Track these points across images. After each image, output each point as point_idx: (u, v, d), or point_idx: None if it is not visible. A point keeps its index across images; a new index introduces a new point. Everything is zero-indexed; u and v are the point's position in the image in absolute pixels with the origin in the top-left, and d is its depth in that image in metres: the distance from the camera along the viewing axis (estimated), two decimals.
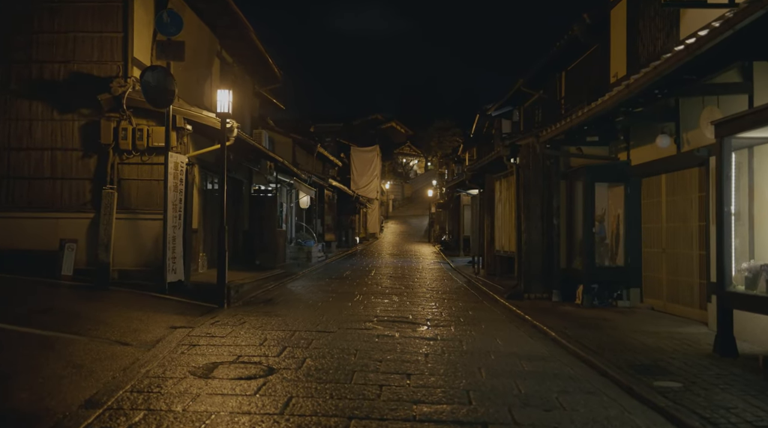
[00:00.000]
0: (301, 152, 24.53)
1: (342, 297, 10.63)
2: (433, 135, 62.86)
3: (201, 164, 11.46)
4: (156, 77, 9.35)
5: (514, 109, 19.71)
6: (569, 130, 9.31)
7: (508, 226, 12.07)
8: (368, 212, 40.54)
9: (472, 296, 11.54)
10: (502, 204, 12.55)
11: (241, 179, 14.40)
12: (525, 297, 10.71)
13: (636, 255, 9.70)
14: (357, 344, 6.28)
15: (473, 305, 10.06)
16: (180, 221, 9.62)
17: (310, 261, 18.95)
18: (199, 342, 6.19)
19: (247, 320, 7.69)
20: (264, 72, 18.32)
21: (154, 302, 8.65)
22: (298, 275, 15.14)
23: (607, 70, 10.95)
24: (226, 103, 9.64)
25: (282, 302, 9.83)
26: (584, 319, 8.38)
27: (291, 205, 20.27)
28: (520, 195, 11.09)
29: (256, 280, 12.25)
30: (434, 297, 11.08)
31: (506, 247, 12.14)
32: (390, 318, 8.17)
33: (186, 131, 10.39)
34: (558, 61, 13.91)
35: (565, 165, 10.74)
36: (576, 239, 10.55)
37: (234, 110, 15.81)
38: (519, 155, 11.07)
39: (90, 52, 10.54)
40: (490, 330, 7.52)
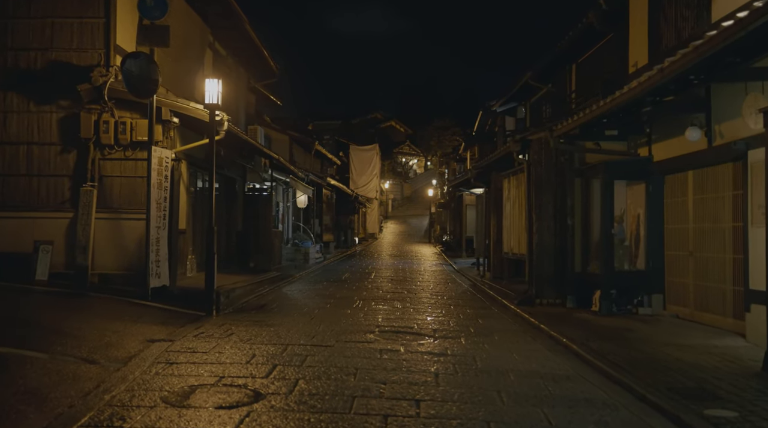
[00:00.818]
0: (298, 150, 23.78)
1: (340, 303, 9.89)
2: (432, 134, 62.36)
3: (189, 160, 10.72)
4: (138, 65, 8.61)
5: (519, 105, 19.00)
6: (587, 123, 8.57)
7: (517, 226, 11.34)
8: (367, 211, 39.79)
9: (479, 301, 10.81)
10: (510, 203, 11.82)
11: (235, 176, 13.66)
12: (536, 303, 9.99)
13: (658, 259, 8.97)
14: (357, 361, 5.55)
15: (482, 313, 9.33)
16: (164, 221, 8.88)
17: (308, 263, 18.21)
18: (177, 358, 5.45)
19: (235, 331, 6.94)
20: (260, 66, 17.59)
21: (135, 310, 7.90)
22: (295, 278, 14.41)
23: (625, 60, 10.22)
24: (215, 94, 8.91)
25: (275, 309, 9.09)
26: (605, 329, 7.66)
27: (288, 204, 19.52)
28: (531, 194, 10.36)
29: (249, 284, 11.51)
30: (439, 303, 10.34)
31: (515, 249, 11.41)
32: (393, 329, 7.43)
33: (172, 124, 9.64)
34: (568, 53, 13.17)
35: (580, 161, 10.01)
36: (592, 241, 9.82)
37: (227, 104, 15.07)
38: (530, 150, 10.34)
39: (69, 40, 9.79)
40: (504, 343, 6.79)
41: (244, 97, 17.33)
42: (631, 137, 9.63)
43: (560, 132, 9.37)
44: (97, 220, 9.47)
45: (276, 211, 18.09)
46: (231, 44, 15.36)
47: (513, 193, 11.65)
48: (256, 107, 21.80)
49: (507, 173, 12.13)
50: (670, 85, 6.63)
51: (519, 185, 11.30)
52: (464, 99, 68.87)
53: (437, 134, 62.16)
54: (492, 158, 12.42)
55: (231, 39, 15.09)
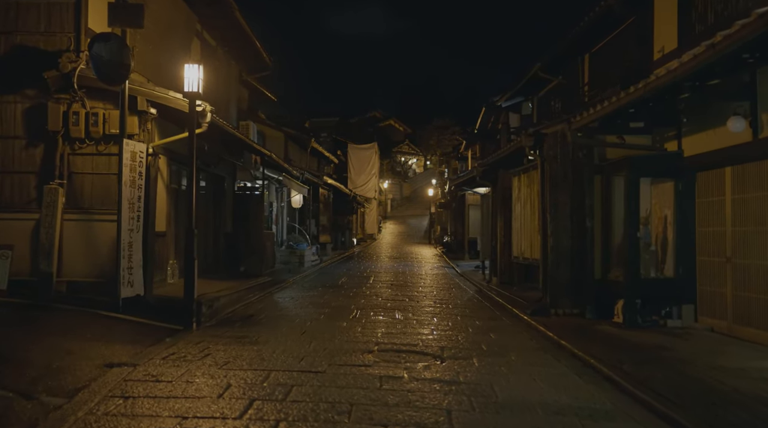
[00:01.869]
0: (294, 148, 22.84)
1: (336, 314, 8.96)
2: (432, 133, 61.69)
3: (170, 155, 9.78)
4: (108, 48, 7.68)
5: (526, 100, 18.06)
6: (611, 113, 7.64)
7: (528, 228, 10.42)
8: (366, 212, 38.86)
9: (487, 310, 9.87)
10: (521, 203, 10.90)
11: (223, 174, 12.72)
12: (552, 313, 9.06)
13: (689, 265, 8.06)
14: (353, 393, 4.61)
15: (492, 325, 8.40)
16: (139, 223, 7.94)
17: (303, 266, 17.28)
18: (136, 390, 4.52)
19: (212, 350, 6.01)
20: (252, 58, 16.62)
21: (101, 324, 6.97)
22: (288, 283, 13.47)
23: (648, 46, 9.30)
24: (195, 81, 7.98)
25: (263, 322, 8.16)
26: (635, 346, 6.74)
27: (282, 204, 18.58)
28: (545, 193, 9.44)
29: (237, 291, 10.57)
30: (444, 313, 9.41)
31: (526, 253, 10.49)
32: (395, 347, 6.49)
33: (150, 116, 8.71)
34: (581, 43, 12.25)
35: (599, 157, 9.09)
36: (613, 245, 8.90)
37: (217, 98, 14.11)
38: (544, 145, 9.41)
39: (36, 22, 8.85)
40: (524, 365, 5.86)
41: (235, 91, 16.38)
42: (657, 130, 8.71)
43: (579, 124, 8.45)
44: (67, 222, 8.55)
45: (269, 211, 17.16)
46: (221, 34, 14.42)
47: (524, 192, 10.73)
48: (249, 103, 20.85)
49: (517, 171, 11.21)
50: (716, 67, 5.71)
51: (531, 183, 10.38)
52: (464, 98, 68.18)
53: (437, 133, 61.47)
54: (500, 155, 11.50)
55: (220, 28, 14.14)
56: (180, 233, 10.75)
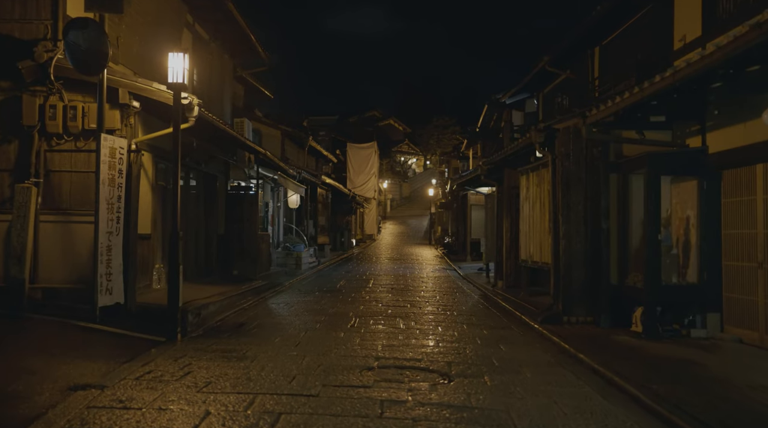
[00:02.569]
0: (291, 146, 22.21)
1: (333, 322, 8.35)
2: (432, 133, 61.23)
3: (157, 153, 9.16)
4: (85, 35, 7.08)
5: (531, 96, 17.48)
6: (631, 106, 7.02)
7: (538, 230, 9.81)
8: (365, 212, 38.26)
9: (495, 318, 9.26)
10: (529, 204, 10.29)
11: (215, 173, 12.10)
12: (564, 321, 8.47)
13: (714, 270, 7.45)
14: (350, 423, 4.00)
15: (502, 335, 7.78)
16: (118, 225, 7.32)
17: (300, 269, 16.66)
18: (98, 420, 3.90)
19: (194, 368, 5.40)
20: (247, 52, 16.01)
21: (75, 337, 6.36)
22: (284, 287, 12.86)
23: (667, 36, 8.70)
24: (180, 71, 7.36)
25: (254, 332, 7.54)
26: (661, 360, 6.14)
27: (278, 204, 17.96)
28: (556, 192, 8.83)
29: (229, 297, 9.96)
30: (449, 321, 8.80)
31: (535, 256, 9.88)
32: (397, 362, 5.88)
33: (132, 110, 8.09)
34: (592, 35, 11.66)
35: (615, 154, 8.47)
36: (630, 248, 8.29)
37: (210, 93, 13.52)
38: (556, 141, 8.80)
39: (10, 9, 8.21)
40: (541, 384, 5.24)
41: (229, 86, 15.75)
42: (678, 125, 8.11)
43: (595, 118, 7.83)
44: (43, 223, 7.94)
45: (265, 212, 16.55)
46: (214, 27, 13.80)
47: (533, 192, 10.12)
48: (245, 100, 20.27)
49: (525, 169, 10.60)
50: (754, 52, 5.10)
51: (540, 182, 9.77)
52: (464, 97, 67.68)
53: (437, 133, 60.97)
54: (507, 152, 10.88)
55: (214, 21, 13.54)
56: (168, 236, 10.13)
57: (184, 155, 10.11)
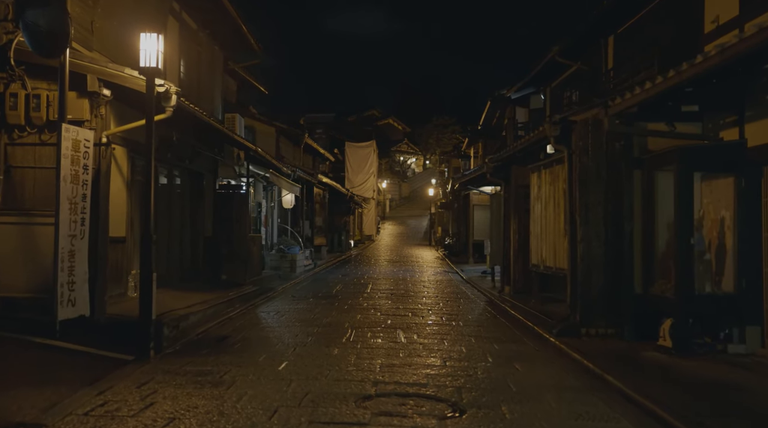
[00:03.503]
0: (286, 144, 21.38)
1: (327, 335, 7.52)
2: (432, 132, 60.68)
3: (133, 147, 8.32)
4: (45, 14, 6.25)
5: (537, 91, 16.66)
6: (662, 94, 6.20)
7: (552, 233, 8.99)
8: (364, 212, 37.44)
9: (505, 329, 8.42)
10: (541, 203, 9.47)
11: (202, 171, 11.26)
12: (583, 334, 7.65)
13: (753, 278, 6.63)
14: None
15: (515, 350, 6.96)
16: (83, 227, 6.48)
17: (294, 272, 15.82)
18: None
19: (158, 398, 4.56)
20: (239, 44, 15.16)
21: (27, 357, 5.54)
22: (276, 292, 12.03)
23: (698, 17, 7.88)
24: (154, 54, 6.52)
25: (237, 348, 6.71)
26: (700, 383, 5.35)
27: (272, 204, 17.13)
28: (573, 191, 8.01)
29: (214, 305, 9.13)
30: (455, 333, 7.98)
31: (549, 261, 9.06)
32: (398, 389, 5.04)
33: (103, 99, 7.25)
34: (606, 22, 10.86)
35: (640, 149, 7.65)
36: (657, 253, 7.47)
37: (199, 86, 12.67)
38: (573, 135, 7.99)
39: None
40: (569, 417, 4.42)
41: (220, 80, 14.91)
42: (708, 116, 7.30)
43: (619, 108, 7.00)
44: (3, 225, 7.11)
45: (257, 212, 15.73)
46: (202, 16, 12.96)
47: (546, 191, 9.30)
48: (238, 96, 19.45)
49: (536, 166, 9.78)
50: None
51: (554, 180, 8.95)
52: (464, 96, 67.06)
53: (436, 132, 60.35)
54: (516, 148, 10.06)
55: (202, 9, 12.69)
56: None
57: (166, 150, 9.30)
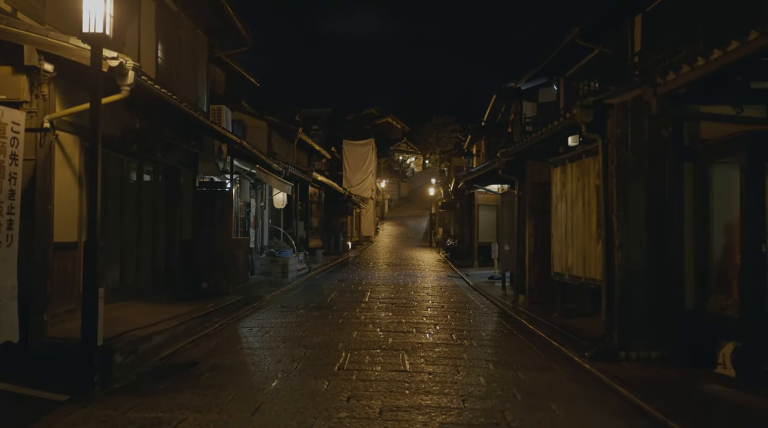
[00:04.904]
0: (279, 140, 20.11)
1: (316, 360, 6.26)
2: (431, 131, 59.88)
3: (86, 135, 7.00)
4: None
5: (549, 81, 15.42)
6: (729, 65, 4.95)
7: (580, 236, 7.74)
8: (362, 212, 36.20)
9: (527, 351, 7.15)
10: (566, 202, 8.22)
11: (177, 166, 9.97)
12: (622, 357, 6.41)
13: None
14: None
15: (545, 381, 5.70)
16: (10, 231, 5.20)
17: (286, 277, 14.56)
18: None
19: None
20: (226, 30, 13.86)
21: None
22: (264, 302, 10.77)
23: None
24: (100, 17, 5.26)
25: (204, 380, 5.45)
26: None
27: (262, 204, 15.85)
28: (609, 187, 6.76)
29: (187, 320, 7.86)
30: (469, 356, 6.74)
31: (576, 269, 7.80)
32: None
33: (45, 76, 5.98)
34: None
35: (690, 137, 6.40)
36: (712, 261, 6.22)
37: (178, 72, 11.44)
38: (609, 121, 6.74)
39: None
40: None
41: (204, 68, 13.63)
42: None
43: (672, 86, 5.74)
44: None
45: (246, 213, 14.46)
46: None
47: (572, 187, 8.05)
48: (227, 88, 18.19)
49: (560, 160, 8.54)
50: None
51: (583, 175, 7.69)
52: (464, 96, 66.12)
53: (436, 131, 59.44)
54: (535, 139, 8.78)
55: None
56: (105, 244, 8.02)
57: (131, 141, 8.03)
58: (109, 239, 8.07)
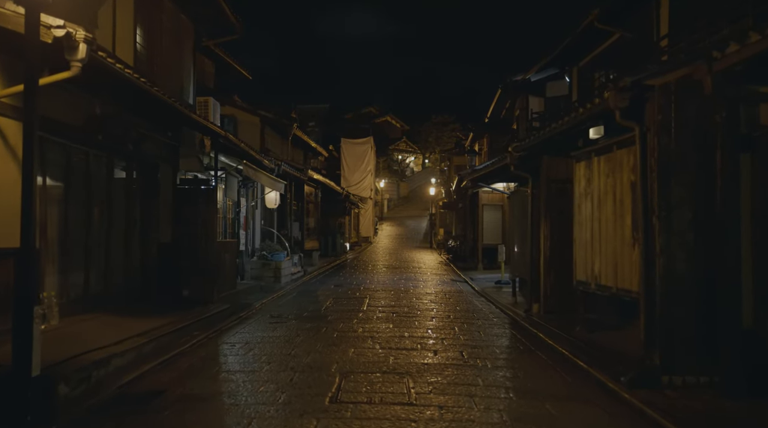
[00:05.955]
0: (273, 137, 19.11)
1: (303, 389, 5.28)
2: (431, 130, 59.25)
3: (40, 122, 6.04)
4: None
5: (561, 72, 14.40)
6: None
7: (610, 239, 6.75)
8: (361, 213, 35.23)
9: (552, 374, 6.16)
10: (592, 201, 7.24)
11: (155, 160, 8.98)
12: (665, 384, 5.44)
13: None
14: None
15: (581, 417, 4.73)
16: None
17: (279, 282, 13.58)
18: None
19: None
20: (212, 15, 12.86)
21: None
22: (252, 311, 9.79)
23: None
24: None
25: (168, 418, 4.46)
26: None
27: (253, 204, 14.85)
28: (649, 184, 5.79)
29: (158, 336, 6.87)
30: (485, 382, 5.76)
31: (606, 278, 6.82)
32: None
33: None
34: None
35: (749, 123, 5.42)
36: None
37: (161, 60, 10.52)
38: (649, 106, 5.76)
39: None
40: None
41: (190, 57, 12.62)
42: None
43: (730, 62, 4.78)
44: None
45: (235, 213, 13.46)
46: None
47: (599, 184, 7.06)
48: (216, 80, 17.15)
49: (584, 153, 7.57)
50: None
51: (614, 170, 6.71)
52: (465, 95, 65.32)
53: (436, 130, 58.74)
54: (555, 130, 7.78)
55: None
56: (66, 248, 7.03)
57: (95, 130, 7.05)
58: (72, 243, 7.09)
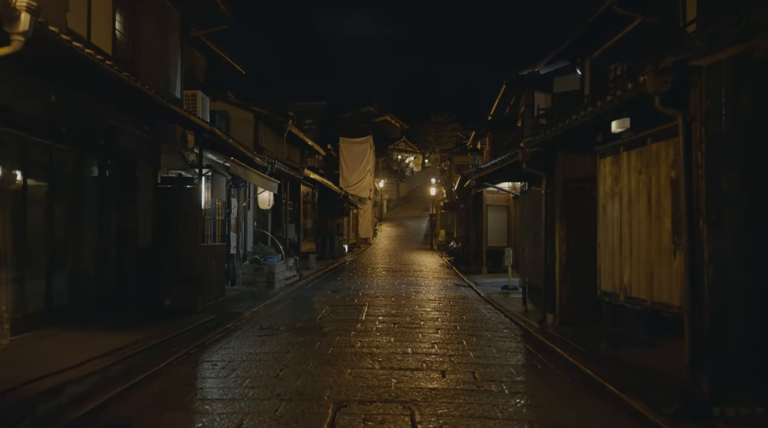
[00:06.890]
0: (267, 134, 18.27)
1: (289, 424, 4.45)
2: (431, 130, 58.66)
3: None
4: None
5: (572, 64, 13.61)
6: None
7: (644, 245, 5.92)
8: (360, 213, 34.41)
9: (578, 401, 5.34)
10: (620, 201, 6.41)
11: (133, 157, 8.14)
12: (716, 414, 4.63)
13: None
14: None
15: None
16: None
17: (272, 288, 12.76)
18: None
19: None
20: (202, 5, 12.11)
21: None
22: (240, 321, 8.97)
23: None
24: None
25: None
26: None
27: (244, 204, 14.01)
28: (693, 180, 4.96)
29: (128, 355, 6.03)
30: (503, 413, 4.95)
31: (638, 289, 5.99)
32: None
33: None
34: None
35: None
36: None
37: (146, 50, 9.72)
38: (693, 90, 4.94)
39: None
40: None
41: (177, 48, 11.81)
42: None
43: None
44: None
45: (225, 214, 12.63)
46: None
47: (629, 182, 6.23)
48: (208, 74, 16.33)
49: (609, 148, 6.75)
50: None
51: (648, 165, 5.88)
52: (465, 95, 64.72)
53: (435, 130, 58.14)
54: (577, 122, 6.92)
55: None
56: (23, 255, 6.18)
57: (55, 121, 6.22)
58: (31, 249, 6.25)
